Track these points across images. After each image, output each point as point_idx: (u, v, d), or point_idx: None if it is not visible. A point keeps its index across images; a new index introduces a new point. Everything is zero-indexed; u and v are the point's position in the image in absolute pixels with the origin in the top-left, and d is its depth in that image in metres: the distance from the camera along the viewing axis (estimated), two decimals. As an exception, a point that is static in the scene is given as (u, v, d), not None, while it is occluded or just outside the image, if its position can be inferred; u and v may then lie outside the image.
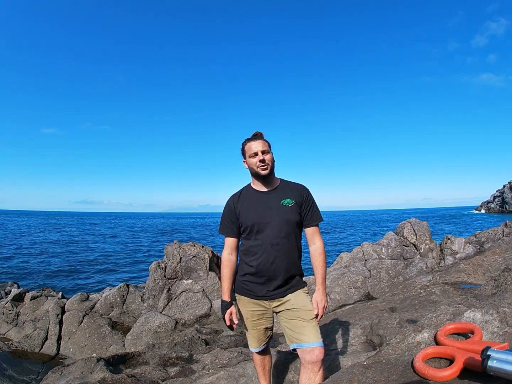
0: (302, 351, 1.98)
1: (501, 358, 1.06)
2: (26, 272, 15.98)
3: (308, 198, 2.15)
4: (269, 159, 2.10)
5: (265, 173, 2.09)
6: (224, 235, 2.21)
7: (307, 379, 1.94)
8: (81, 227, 61.01)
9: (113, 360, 3.92)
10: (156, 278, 6.43)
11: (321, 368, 1.96)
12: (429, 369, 1.20)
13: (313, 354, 1.94)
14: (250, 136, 2.18)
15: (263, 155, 2.08)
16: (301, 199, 2.12)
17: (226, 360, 3.69)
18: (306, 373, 1.95)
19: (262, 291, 2.09)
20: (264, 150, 2.09)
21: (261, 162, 2.07)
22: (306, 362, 1.96)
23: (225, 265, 2.18)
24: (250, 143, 2.12)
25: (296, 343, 2.01)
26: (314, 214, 2.15)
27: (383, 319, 3.65)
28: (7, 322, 6.29)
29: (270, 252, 2.04)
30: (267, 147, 2.12)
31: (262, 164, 2.07)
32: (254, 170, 2.11)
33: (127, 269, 17.68)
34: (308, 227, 2.14)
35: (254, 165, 2.09)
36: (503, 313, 1.44)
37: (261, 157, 2.07)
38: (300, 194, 2.14)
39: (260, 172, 2.09)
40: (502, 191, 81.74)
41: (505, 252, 5.21)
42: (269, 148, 2.14)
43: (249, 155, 2.11)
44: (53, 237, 36.49)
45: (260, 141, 2.12)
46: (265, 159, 2.08)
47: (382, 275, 6.10)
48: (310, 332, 1.98)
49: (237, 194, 2.22)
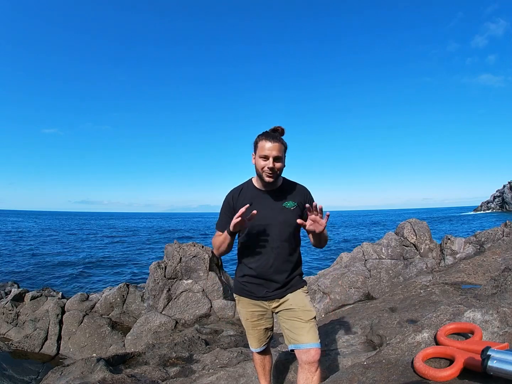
0: (299, 352, 1.98)
1: (501, 358, 1.06)
2: (26, 272, 15.98)
3: (311, 201, 2.06)
4: (279, 168, 1.94)
5: (269, 181, 1.95)
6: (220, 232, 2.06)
7: (304, 379, 1.94)
8: (81, 227, 60.99)
9: (113, 360, 3.92)
10: (156, 278, 6.43)
11: (318, 368, 1.95)
12: (429, 369, 1.20)
13: (309, 354, 1.93)
14: (269, 131, 1.99)
15: (273, 163, 1.90)
16: (304, 202, 2.03)
17: (226, 360, 3.69)
18: (304, 373, 1.95)
19: (261, 292, 2.07)
20: (277, 156, 1.91)
21: (269, 169, 1.91)
22: (303, 362, 1.96)
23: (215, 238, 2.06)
24: (265, 143, 1.91)
25: (293, 344, 2.00)
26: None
27: (383, 319, 3.65)
28: (7, 322, 6.29)
29: (270, 254, 2.00)
30: (281, 153, 1.93)
31: (270, 172, 1.92)
32: (259, 172, 1.97)
33: (127, 269, 17.67)
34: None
35: (261, 168, 1.94)
36: (503, 313, 1.44)
37: (270, 165, 1.89)
38: (304, 198, 2.07)
39: (264, 178, 1.95)
40: (502, 191, 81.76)
41: (505, 252, 5.21)
42: (284, 154, 1.96)
43: (260, 155, 1.93)
44: (53, 237, 36.48)
45: (277, 144, 1.90)
46: (274, 168, 1.91)
47: (382, 275, 6.10)
48: (308, 333, 1.97)
49: (238, 190, 2.10)
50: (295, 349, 2.00)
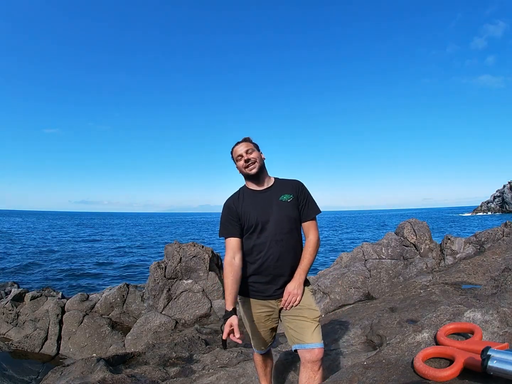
0: (303, 351, 1.98)
1: (501, 358, 1.05)
2: (26, 272, 15.98)
3: (304, 192, 2.14)
4: (255, 157, 2.11)
5: (254, 172, 2.09)
6: (225, 237, 2.10)
7: (307, 378, 1.94)
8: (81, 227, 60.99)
9: (113, 360, 3.92)
10: (156, 278, 6.42)
11: (320, 367, 1.96)
12: (429, 369, 1.20)
13: (312, 353, 1.94)
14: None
15: (247, 155, 2.10)
16: (297, 193, 2.11)
17: (226, 360, 3.69)
18: (306, 372, 1.95)
19: (269, 291, 2.07)
20: (248, 149, 2.11)
21: (246, 162, 2.09)
22: (306, 361, 1.96)
23: (228, 271, 2.00)
24: (235, 148, 2.16)
25: (298, 343, 2.00)
26: (310, 207, 2.12)
27: (383, 319, 3.65)
28: (7, 322, 6.29)
29: (275, 248, 2.03)
30: (251, 147, 2.14)
31: (247, 163, 2.09)
32: (243, 172, 2.14)
33: (127, 269, 17.67)
34: (305, 221, 2.11)
35: (242, 167, 2.12)
36: (503, 313, 1.44)
37: (245, 157, 2.09)
38: (296, 189, 2.13)
39: (248, 172, 2.10)
40: (502, 191, 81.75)
41: (505, 252, 5.21)
42: (254, 147, 2.16)
43: (236, 159, 2.15)
44: (53, 237, 36.48)
45: (244, 143, 2.15)
46: (250, 158, 2.09)
47: (382, 275, 6.10)
48: (313, 333, 1.98)
49: (236, 195, 2.19)
50: (299, 349, 2.00)
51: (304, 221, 2.12)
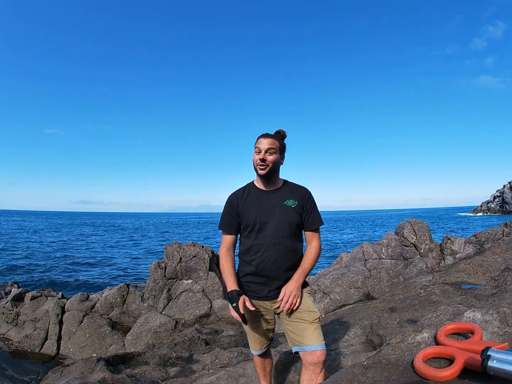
0: (304, 353, 1.96)
1: (501, 358, 1.05)
2: (26, 272, 15.98)
3: (310, 201, 2.11)
4: (271, 160, 2.01)
5: (262, 173, 2.02)
6: (223, 231, 2.13)
7: (308, 380, 1.93)
8: (80, 227, 60.97)
9: (113, 360, 3.92)
10: (156, 278, 6.42)
11: (322, 369, 1.94)
12: (429, 369, 1.20)
13: (314, 355, 1.92)
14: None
15: (265, 154, 2.00)
16: (303, 201, 2.08)
17: (226, 360, 3.69)
18: (308, 374, 1.94)
19: (263, 292, 2.06)
20: (269, 148, 2.00)
21: (261, 161, 2.00)
22: (308, 363, 1.94)
23: (224, 259, 2.09)
24: (261, 139, 2.04)
25: (298, 346, 1.99)
26: (315, 217, 2.10)
27: (383, 319, 3.65)
28: (7, 322, 6.29)
29: (272, 251, 2.01)
30: (274, 147, 2.02)
31: (261, 163, 2.00)
32: (254, 166, 2.06)
33: (127, 269, 17.67)
34: (308, 230, 2.10)
35: (255, 161, 2.04)
36: (503, 313, 1.44)
37: (261, 156, 2.00)
38: (303, 196, 2.10)
39: (258, 171, 2.04)
40: (502, 191, 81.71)
41: (505, 252, 5.21)
42: (278, 149, 2.05)
43: (255, 150, 2.05)
44: (53, 237, 36.48)
45: (270, 139, 2.03)
46: (265, 159, 1.99)
47: (382, 275, 6.10)
48: (313, 334, 1.96)
49: (241, 191, 2.16)
50: (299, 351, 1.99)
51: (307, 230, 2.10)
